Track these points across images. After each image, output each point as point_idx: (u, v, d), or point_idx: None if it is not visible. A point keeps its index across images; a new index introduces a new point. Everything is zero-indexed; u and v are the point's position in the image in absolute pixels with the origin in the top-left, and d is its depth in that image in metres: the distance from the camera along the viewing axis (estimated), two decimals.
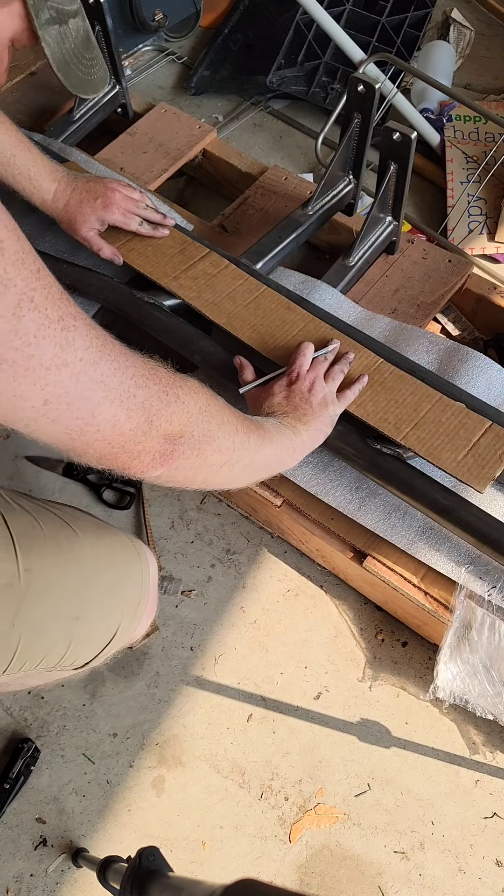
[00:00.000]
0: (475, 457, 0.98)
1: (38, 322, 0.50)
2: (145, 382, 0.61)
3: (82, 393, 0.55)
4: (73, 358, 0.53)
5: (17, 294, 0.48)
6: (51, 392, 0.52)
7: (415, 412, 1.01)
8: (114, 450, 0.61)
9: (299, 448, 0.93)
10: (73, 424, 0.56)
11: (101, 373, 0.56)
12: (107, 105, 1.45)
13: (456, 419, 1.00)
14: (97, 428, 0.57)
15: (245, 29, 1.93)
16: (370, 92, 1.08)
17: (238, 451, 0.76)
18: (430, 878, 1.08)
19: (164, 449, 0.64)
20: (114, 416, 0.58)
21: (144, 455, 0.63)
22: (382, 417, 1.01)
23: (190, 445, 0.67)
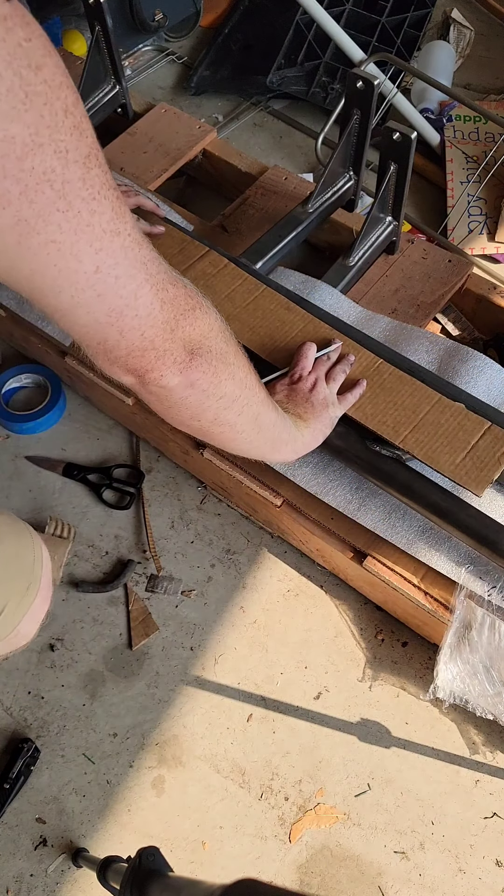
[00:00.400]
0: (474, 459, 0.98)
1: (101, 180, 0.50)
2: (174, 283, 0.62)
3: (129, 270, 0.55)
4: (124, 229, 0.53)
5: (87, 146, 0.48)
6: (103, 259, 0.52)
7: (414, 414, 1.01)
8: (144, 343, 0.61)
9: (299, 441, 0.93)
10: (116, 304, 0.56)
11: (145, 255, 0.56)
12: (107, 105, 1.45)
13: (455, 420, 1.00)
14: (136, 312, 0.57)
15: (245, 29, 1.94)
16: (369, 88, 1.08)
17: (250, 391, 0.76)
18: (430, 878, 1.08)
19: (185, 356, 0.65)
20: (151, 303, 0.58)
21: (168, 356, 0.63)
22: (381, 420, 1.01)
23: (208, 360, 0.67)
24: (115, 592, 1.27)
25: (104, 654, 1.22)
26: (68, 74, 0.47)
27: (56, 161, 0.46)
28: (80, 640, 1.23)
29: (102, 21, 1.29)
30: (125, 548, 1.31)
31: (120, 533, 1.32)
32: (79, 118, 0.47)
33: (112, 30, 1.32)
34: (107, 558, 1.30)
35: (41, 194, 0.46)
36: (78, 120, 0.47)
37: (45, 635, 1.23)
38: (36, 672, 1.21)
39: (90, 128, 0.49)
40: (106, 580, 1.28)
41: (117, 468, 1.37)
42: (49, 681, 1.20)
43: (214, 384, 0.69)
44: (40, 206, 0.46)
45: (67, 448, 1.40)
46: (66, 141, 0.46)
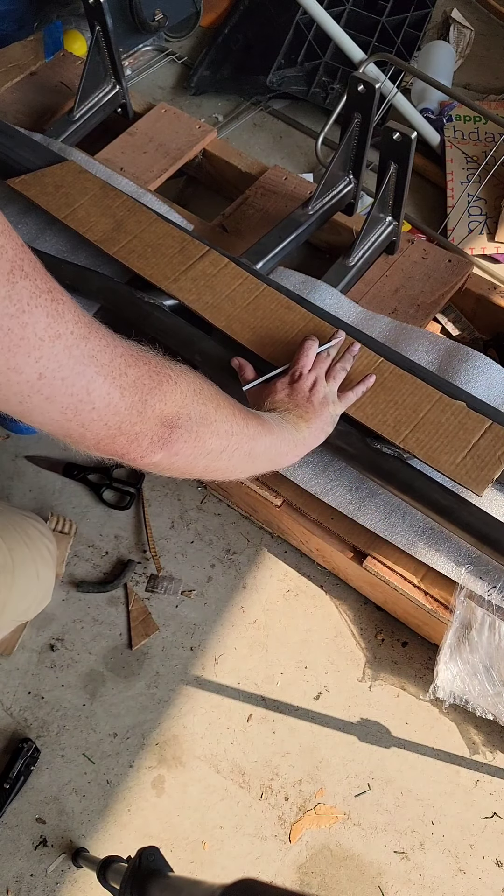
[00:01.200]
0: (474, 458, 0.98)
1: (30, 290, 0.49)
2: (135, 362, 0.60)
3: (75, 367, 0.54)
4: (64, 330, 0.52)
5: (9, 260, 0.47)
6: (45, 365, 0.51)
7: (414, 413, 1.01)
8: (111, 431, 0.59)
9: (300, 444, 0.92)
10: (68, 402, 0.55)
11: (92, 347, 0.55)
12: (107, 105, 1.45)
13: (455, 419, 1.00)
14: (92, 406, 0.56)
15: (245, 29, 1.93)
16: (370, 92, 1.08)
17: (237, 437, 0.75)
18: (430, 878, 1.08)
19: (161, 432, 0.63)
20: (108, 394, 0.57)
21: (142, 438, 0.62)
22: (381, 420, 1.01)
23: (188, 429, 0.66)
24: (115, 592, 1.27)
25: (104, 654, 1.22)
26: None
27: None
28: (80, 640, 1.23)
29: (102, 21, 1.29)
30: (125, 548, 1.31)
31: (120, 533, 1.32)
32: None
33: (112, 30, 1.32)
34: (107, 558, 1.30)
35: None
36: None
37: (45, 635, 1.23)
38: (36, 672, 1.21)
39: (9, 237, 0.48)
40: (106, 580, 1.28)
41: (117, 468, 1.37)
42: (49, 681, 1.20)
43: (199, 446, 0.68)
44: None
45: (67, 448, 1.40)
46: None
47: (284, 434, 0.88)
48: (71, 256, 1.23)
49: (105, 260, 1.17)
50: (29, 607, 1.08)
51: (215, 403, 0.71)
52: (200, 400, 0.68)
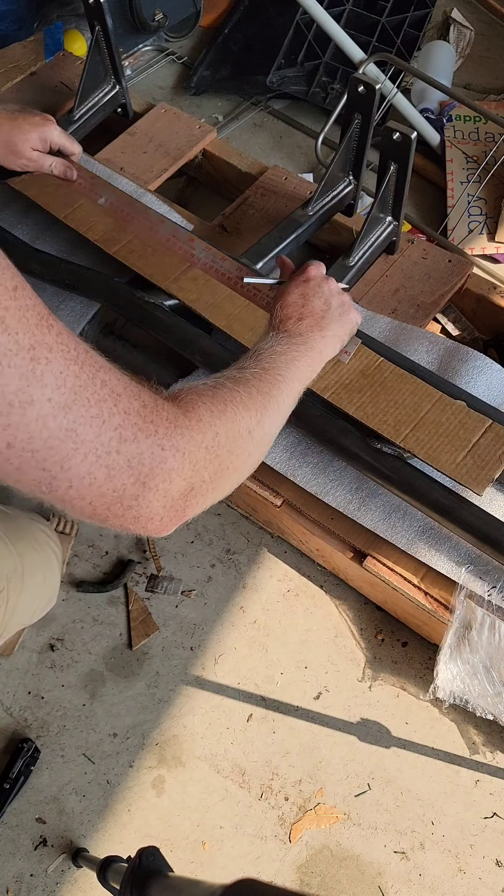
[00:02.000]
0: (475, 458, 0.98)
1: (5, 346, 0.43)
2: (134, 435, 0.51)
3: (49, 441, 0.47)
4: (40, 396, 0.45)
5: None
6: (14, 434, 0.45)
7: (414, 413, 1.01)
8: (99, 511, 0.52)
9: (317, 362, 0.82)
10: (40, 476, 0.48)
11: (72, 420, 0.47)
12: (107, 105, 1.45)
13: (456, 419, 1.00)
14: (69, 484, 0.49)
15: (245, 29, 1.93)
16: (370, 92, 1.08)
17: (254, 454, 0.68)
18: (430, 878, 1.08)
19: (171, 512, 0.56)
20: (88, 474, 0.49)
21: (146, 521, 0.55)
22: (382, 419, 1.01)
23: (202, 492, 0.59)
24: (115, 592, 1.27)
25: (104, 654, 1.22)
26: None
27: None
28: (80, 640, 1.23)
29: (102, 21, 1.29)
30: (125, 548, 1.31)
31: (120, 533, 1.32)
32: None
33: (112, 30, 1.31)
34: (107, 558, 1.30)
35: None
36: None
37: (45, 635, 1.23)
38: (36, 672, 1.21)
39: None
40: (106, 580, 1.28)
41: None
42: (49, 681, 1.20)
43: (216, 494, 0.62)
44: None
45: None
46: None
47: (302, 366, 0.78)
48: (71, 256, 1.22)
49: (105, 259, 1.17)
50: (35, 611, 1.08)
51: (230, 445, 0.62)
52: (214, 455, 0.60)
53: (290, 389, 0.75)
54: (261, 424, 0.68)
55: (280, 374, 0.74)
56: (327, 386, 1.04)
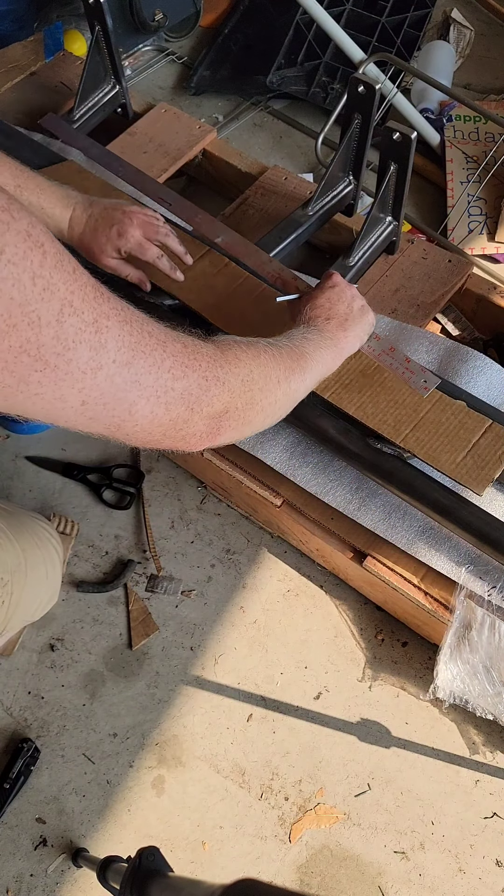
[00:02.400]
0: (475, 458, 0.98)
1: (76, 327, 0.50)
2: (184, 372, 0.61)
3: (117, 394, 0.55)
4: (106, 360, 0.53)
5: (59, 300, 0.48)
6: (87, 395, 0.53)
7: (414, 412, 1.01)
8: (155, 437, 0.62)
9: (338, 357, 0.93)
10: (110, 422, 0.57)
11: (135, 372, 0.56)
12: (107, 105, 1.45)
13: (456, 419, 1.00)
14: (135, 423, 0.59)
15: (245, 29, 1.93)
16: (370, 92, 1.08)
17: (280, 402, 0.78)
18: (430, 878, 1.08)
19: (209, 429, 0.67)
20: (151, 412, 0.59)
21: (189, 437, 0.66)
22: (382, 419, 1.01)
23: (234, 418, 0.69)
24: (115, 592, 1.27)
25: (104, 654, 1.22)
26: (31, 225, 0.47)
27: (30, 332, 0.47)
28: (80, 640, 1.23)
29: (102, 21, 1.29)
30: (125, 548, 1.31)
31: (120, 533, 1.32)
32: (48, 276, 0.47)
33: (112, 30, 1.31)
34: (107, 558, 1.30)
35: (20, 364, 0.48)
36: (47, 279, 0.47)
37: (45, 635, 1.23)
38: (36, 672, 1.21)
39: (61, 271, 0.49)
40: (106, 580, 1.28)
41: (117, 468, 1.37)
42: (49, 681, 1.20)
43: (244, 426, 0.72)
44: (20, 374, 0.48)
45: (67, 448, 1.40)
46: (36, 309, 0.47)
47: (326, 354, 0.89)
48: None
49: None
50: (37, 608, 1.08)
51: (262, 383, 0.73)
52: (247, 388, 0.70)
53: (314, 369, 0.86)
54: (288, 381, 0.79)
55: (307, 354, 0.85)
56: (327, 386, 1.04)
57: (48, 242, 0.48)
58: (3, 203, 0.45)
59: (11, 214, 0.45)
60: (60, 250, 0.49)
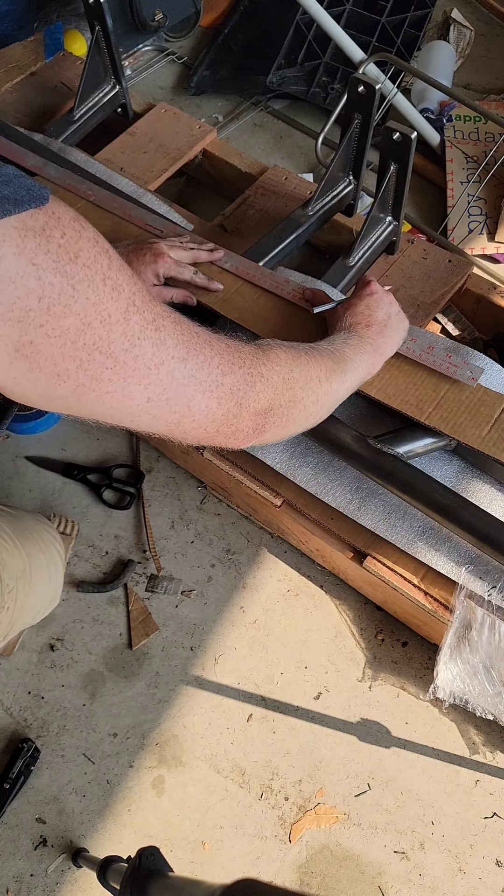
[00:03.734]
0: (499, 431, 1.00)
1: (140, 324, 0.53)
2: (231, 369, 0.65)
3: (177, 389, 0.59)
4: (167, 356, 0.57)
5: (125, 299, 0.52)
6: (152, 391, 0.56)
7: (435, 392, 1.03)
8: (209, 434, 0.66)
9: (376, 362, 0.97)
10: (171, 418, 0.60)
11: (191, 367, 0.59)
12: (107, 105, 1.45)
13: (475, 396, 1.03)
14: (192, 418, 0.62)
15: (245, 29, 1.93)
16: (370, 92, 1.08)
17: (322, 400, 0.81)
18: (430, 878, 1.08)
19: (255, 425, 0.70)
20: (207, 407, 0.62)
21: (238, 433, 0.69)
22: (404, 399, 1.03)
23: (279, 415, 0.72)
24: (115, 592, 1.27)
25: (104, 654, 1.22)
26: (96, 234, 0.51)
27: (102, 330, 0.51)
28: (80, 640, 1.23)
29: (102, 21, 1.29)
30: (125, 548, 1.31)
31: (120, 533, 1.32)
32: (115, 277, 0.51)
33: (112, 30, 1.31)
34: (107, 558, 1.30)
35: (93, 362, 0.51)
36: (115, 280, 0.51)
37: (45, 635, 1.23)
38: (36, 672, 1.21)
39: (125, 273, 0.52)
40: (106, 580, 1.28)
41: (117, 468, 1.37)
42: (49, 681, 1.20)
43: (288, 424, 0.75)
44: (93, 371, 0.52)
45: (67, 448, 1.40)
46: (107, 307, 0.51)
47: (365, 359, 0.92)
48: None
49: None
50: (40, 610, 1.09)
51: (303, 382, 0.76)
52: (289, 385, 0.73)
53: (354, 372, 0.89)
54: (329, 381, 0.82)
55: (348, 357, 0.88)
56: None
57: (111, 249, 0.52)
58: (73, 215, 0.49)
59: (81, 224, 0.49)
60: (120, 258, 0.53)
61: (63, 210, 0.49)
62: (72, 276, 0.48)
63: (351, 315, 0.97)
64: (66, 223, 0.48)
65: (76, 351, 0.50)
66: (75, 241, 0.48)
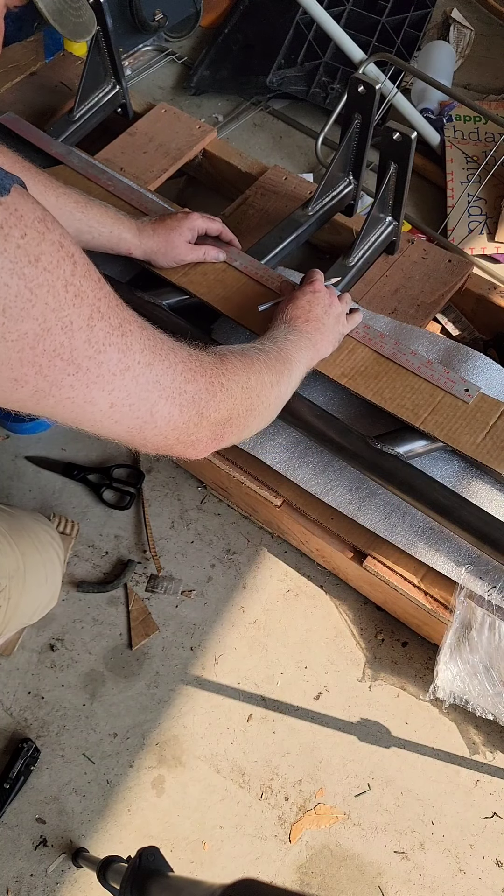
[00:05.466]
0: (493, 439, 1.01)
1: (105, 331, 0.53)
2: (193, 377, 0.65)
3: (141, 394, 0.58)
4: (132, 361, 0.56)
5: (89, 305, 0.51)
6: (116, 396, 0.56)
7: (431, 397, 1.04)
8: (169, 442, 0.66)
9: (314, 358, 0.98)
10: (133, 424, 0.60)
11: (156, 373, 0.59)
12: (107, 105, 1.45)
13: (472, 402, 1.03)
14: (154, 425, 0.62)
15: (245, 29, 1.93)
16: (370, 92, 1.08)
17: (273, 405, 0.83)
18: (430, 878, 1.08)
19: (214, 435, 0.70)
20: (169, 413, 0.62)
21: (198, 443, 0.69)
22: (400, 404, 1.03)
23: (236, 424, 0.73)
24: (115, 592, 1.27)
25: (104, 654, 1.22)
26: (62, 236, 0.49)
27: (63, 336, 0.50)
28: (80, 640, 1.23)
29: (102, 21, 1.29)
30: (125, 548, 1.31)
31: (120, 533, 1.32)
32: (79, 283, 0.50)
33: (112, 30, 1.31)
34: (107, 558, 1.30)
35: (53, 368, 0.50)
36: (78, 285, 0.50)
37: (45, 635, 1.23)
38: (36, 672, 1.21)
39: (90, 279, 0.51)
40: (106, 580, 1.28)
41: (117, 468, 1.37)
42: (49, 681, 1.20)
43: (244, 431, 0.76)
44: (53, 377, 0.51)
45: (67, 448, 1.40)
46: (69, 314, 0.50)
47: (306, 354, 0.94)
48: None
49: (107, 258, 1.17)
50: (36, 611, 1.09)
51: (258, 390, 0.77)
52: (247, 395, 0.74)
53: (297, 370, 0.91)
54: (279, 384, 0.84)
55: (291, 355, 0.90)
56: (344, 372, 1.06)
57: (77, 254, 0.51)
58: (39, 215, 0.48)
59: (46, 226, 0.48)
60: (88, 262, 0.52)
61: (28, 208, 0.47)
62: (30, 279, 0.46)
63: (292, 308, 0.99)
64: (28, 223, 0.46)
65: (35, 357, 0.49)
66: (37, 244, 0.47)
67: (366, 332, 1.10)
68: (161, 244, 1.11)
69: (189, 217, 1.11)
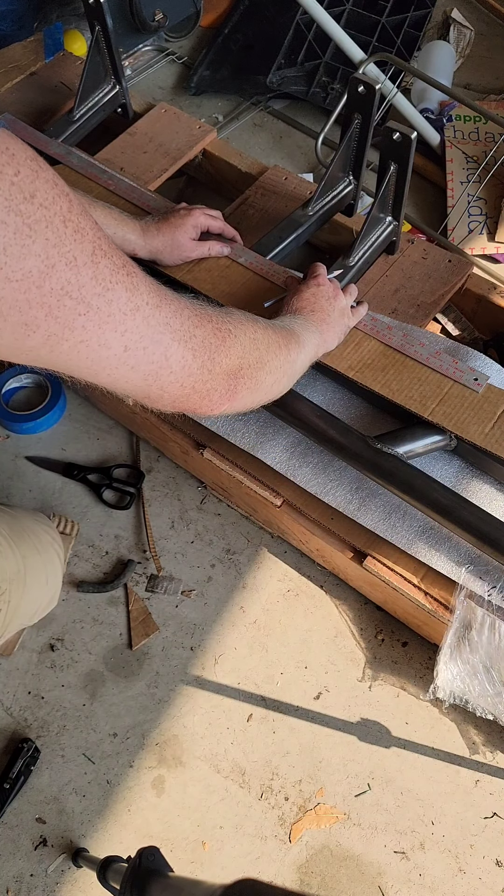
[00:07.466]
0: (502, 428, 1.01)
1: (110, 268, 0.52)
2: (201, 322, 0.65)
3: (154, 336, 0.58)
4: (141, 302, 0.56)
5: (90, 241, 0.51)
6: (129, 338, 0.56)
7: (438, 388, 1.04)
8: (185, 391, 0.65)
9: (321, 347, 0.98)
10: (149, 369, 0.60)
11: (165, 315, 0.59)
12: (107, 105, 1.45)
13: (481, 392, 1.03)
14: (170, 370, 0.62)
15: (245, 29, 1.93)
16: (370, 93, 1.08)
17: (284, 367, 0.82)
18: (430, 878, 1.08)
19: (228, 385, 0.70)
20: (182, 357, 0.62)
21: (213, 393, 0.69)
22: (408, 395, 1.04)
23: (249, 376, 0.73)
24: (115, 592, 1.27)
25: (104, 654, 1.22)
26: (56, 177, 0.50)
27: (69, 272, 0.49)
28: (80, 640, 1.23)
29: (102, 21, 1.29)
30: (125, 548, 1.31)
31: (120, 533, 1.32)
32: (77, 220, 0.50)
33: (112, 30, 1.31)
34: (107, 558, 1.30)
35: (63, 308, 0.50)
36: (76, 222, 0.50)
37: (45, 635, 1.23)
38: (36, 672, 1.21)
39: (88, 219, 0.51)
40: (106, 580, 1.28)
41: (117, 468, 1.37)
42: (49, 681, 1.20)
43: (257, 388, 0.76)
44: (64, 318, 0.50)
45: (67, 448, 1.40)
46: (71, 249, 0.49)
47: (313, 340, 0.94)
48: None
49: None
50: (36, 612, 1.09)
51: (267, 344, 0.77)
52: (256, 346, 0.74)
53: (306, 347, 0.91)
54: (288, 348, 0.83)
55: (299, 333, 0.90)
56: (351, 365, 1.07)
57: (72, 193, 0.50)
58: (31, 154, 0.48)
59: (39, 164, 0.48)
60: (82, 203, 0.51)
61: (19, 147, 0.47)
62: (27, 215, 0.46)
63: (297, 300, 1.00)
64: (21, 161, 0.46)
65: (43, 297, 0.48)
66: (31, 181, 0.46)
67: (373, 324, 1.10)
68: (166, 244, 1.11)
69: (192, 214, 1.12)
